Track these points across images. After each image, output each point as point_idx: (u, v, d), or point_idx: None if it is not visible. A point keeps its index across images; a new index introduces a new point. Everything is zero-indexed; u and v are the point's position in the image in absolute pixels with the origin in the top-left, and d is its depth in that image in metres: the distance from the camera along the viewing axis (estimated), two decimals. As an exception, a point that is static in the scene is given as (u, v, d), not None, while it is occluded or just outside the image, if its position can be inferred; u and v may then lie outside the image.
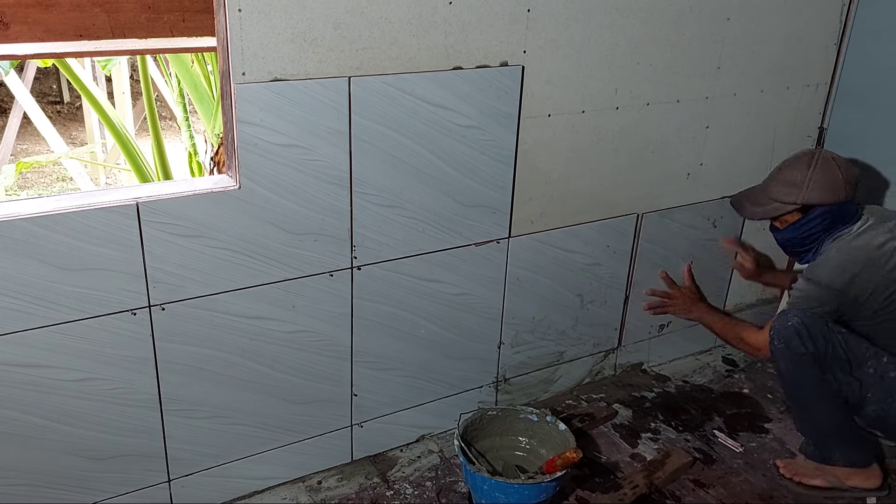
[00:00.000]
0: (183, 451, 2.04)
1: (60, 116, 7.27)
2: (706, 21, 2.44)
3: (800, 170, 2.26)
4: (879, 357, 2.15)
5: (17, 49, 1.81)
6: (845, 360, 2.14)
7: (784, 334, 2.16)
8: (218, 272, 1.90)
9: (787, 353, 2.17)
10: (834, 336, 2.14)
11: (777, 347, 2.19)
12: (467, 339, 2.39)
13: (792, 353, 2.16)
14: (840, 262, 2.18)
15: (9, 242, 1.65)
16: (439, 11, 1.96)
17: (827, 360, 2.14)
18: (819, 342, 2.13)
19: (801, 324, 2.14)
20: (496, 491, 2.06)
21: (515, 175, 2.26)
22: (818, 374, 2.16)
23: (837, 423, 2.21)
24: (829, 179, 2.21)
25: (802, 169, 2.25)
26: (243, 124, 1.80)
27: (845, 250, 2.19)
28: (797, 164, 2.28)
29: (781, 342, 2.17)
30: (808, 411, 2.26)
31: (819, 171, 2.23)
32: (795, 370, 2.19)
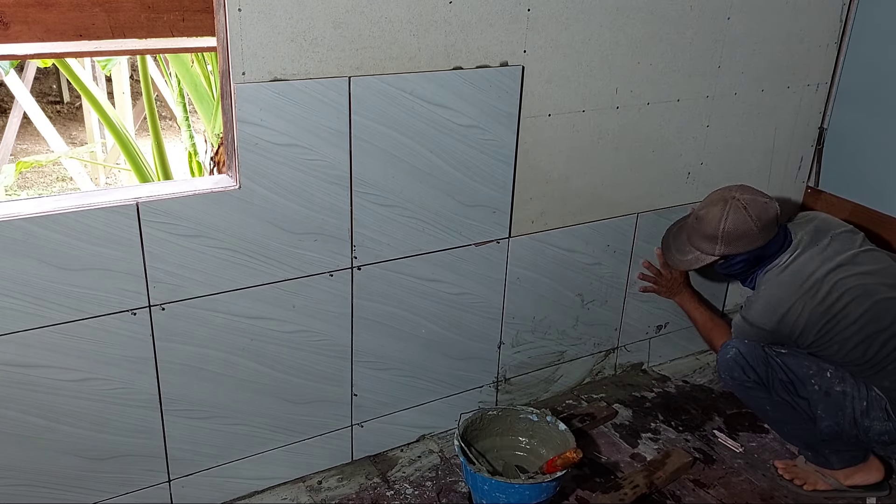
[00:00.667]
0: (183, 451, 2.04)
1: (60, 116, 7.27)
2: (707, 20, 2.44)
3: (712, 223, 2.20)
4: (823, 373, 2.13)
5: (17, 49, 1.81)
6: (788, 381, 2.15)
7: (726, 366, 2.22)
8: (218, 272, 1.90)
9: (734, 384, 2.23)
10: (772, 360, 2.17)
11: (724, 379, 2.27)
12: (467, 338, 2.39)
13: (738, 383, 2.21)
14: (768, 302, 2.17)
15: (9, 242, 1.65)
16: (439, 11, 1.96)
17: (771, 383, 2.17)
18: (759, 369, 2.16)
19: (739, 354, 2.18)
20: (496, 491, 2.06)
21: (515, 175, 2.26)
22: (769, 396, 2.19)
23: (813, 432, 2.18)
24: (741, 231, 2.16)
25: (714, 221, 2.19)
26: (243, 124, 1.80)
27: (774, 285, 2.17)
28: (710, 214, 2.21)
29: (726, 374, 2.23)
30: (783, 427, 2.29)
31: (730, 222, 2.16)
32: (748, 397, 2.26)
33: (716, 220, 2.19)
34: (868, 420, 2.09)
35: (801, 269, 2.15)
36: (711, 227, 2.20)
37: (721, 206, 2.19)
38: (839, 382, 2.12)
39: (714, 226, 2.19)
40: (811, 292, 2.11)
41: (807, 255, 2.17)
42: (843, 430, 2.13)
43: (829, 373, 2.13)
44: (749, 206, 2.16)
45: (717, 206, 2.20)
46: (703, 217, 2.24)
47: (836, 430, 2.13)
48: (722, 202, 2.20)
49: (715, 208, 2.20)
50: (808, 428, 2.19)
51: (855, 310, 2.07)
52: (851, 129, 2.84)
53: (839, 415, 2.11)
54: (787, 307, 2.13)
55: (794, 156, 2.90)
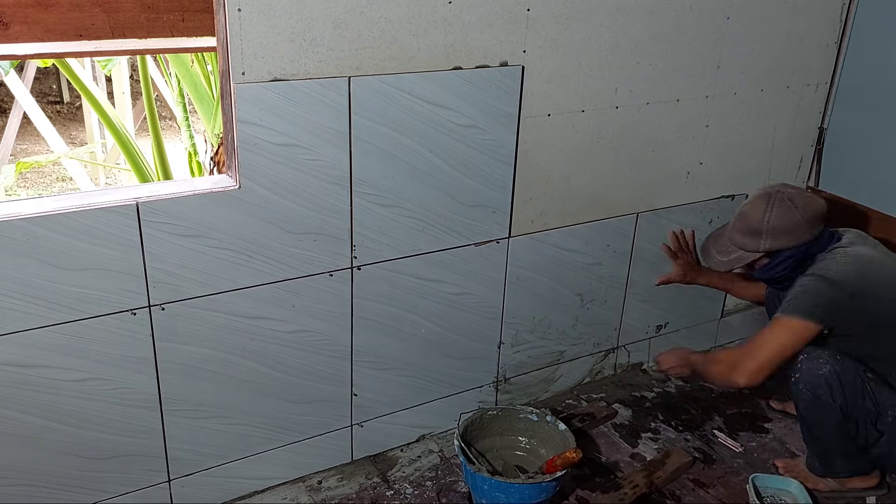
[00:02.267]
0: (183, 451, 2.04)
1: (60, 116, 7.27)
2: (706, 20, 2.44)
3: (756, 216, 2.11)
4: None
5: (17, 49, 1.81)
6: (873, 412, 2.02)
7: (813, 382, 2.02)
8: (218, 272, 1.90)
9: (814, 402, 2.05)
10: (865, 384, 2.00)
11: (803, 393, 2.06)
12: (467, 338, 2.39)
13: (819, 402, 2.04)
14: (847, 261, 2.03)
15: (9, 242, 1.65)
16: (439, 11, 1.96)
17: (853, 411, 2.02)
18: (849, 393, 2.00)
19: (833, 373, 2.00)
20: (496, 491, 2.06)
21: (515, 174, 2.26)
22: (840, 420, 2.05)
23: (846, 448, 2.15)
24: (787, 224, 2.07)
25: (758, 215, 2.11)
26: (243, 124, 1.80)
27: (850, 256, 2.05)
28: (754, 208, 2.13)
29: (808, 389, 2.04)
30: (821, 442, 2.18)
31: (775, 215, 2.08)
32: (818, 417, 2.08)
33: (760, 214, 2.10)
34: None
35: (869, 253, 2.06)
36: (755, 222, 2.11)
37: (765, 199, 2.11)
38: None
39: (758, 219, 2.10)
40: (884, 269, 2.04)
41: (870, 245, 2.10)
42: (893, 455, 2.08)
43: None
44: (795, 199, 2.09)
45: (761, 200, 2.12)
46: (745, 212, 2.15)
47: (885, 456, 2.10)
48: (766, 196, 2.12)
49: (759, 202, 2.12)
50: (845, 446, 2.11)
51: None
52: (851, 129, 2.84)
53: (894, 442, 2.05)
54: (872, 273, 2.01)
55: (794, 156, 2.91)
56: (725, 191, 2.77)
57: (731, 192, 2.79)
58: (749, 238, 2.14)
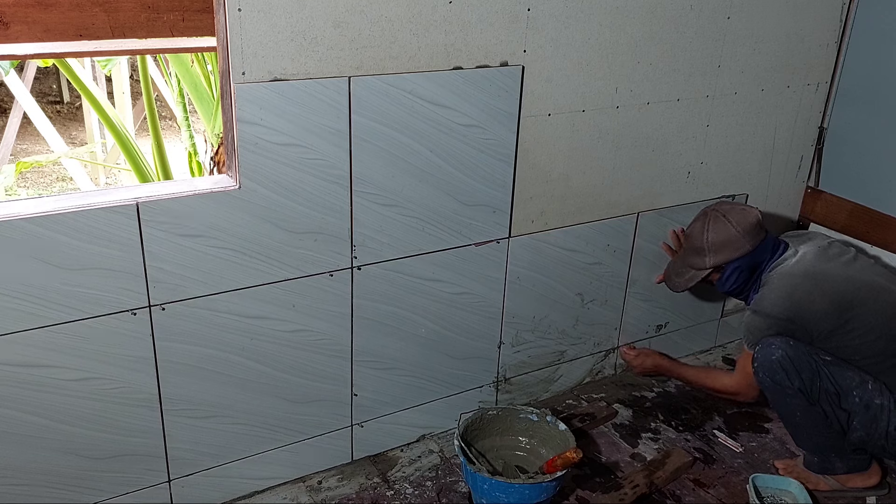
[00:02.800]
0: (183, 451, 2.04)
1: (60, 116, 7.27)
2: (706, 19, 2.44)
3: (697, 236, 2.34)
4: (864, 385, 2.09)
5: (17, 49, 1.81)
6: (833, 392, 2.09)
7: (769, 368, 2.12)
8: (218, 272, 1.90)
9: (774, 387, 2.14)
10: (821, 368, 2.09)
11: (762, 380, 2.16)
12: (467, 338, 2.39)
13: (778, 387, 2.13)
14: (781, 290, 2.17)
15: (9, 242, 1.65)
16: (439, 10, 1.96)
17: (815, 392, 2.09)
18: (805, 375, 2.08)
19: (786, 357, 2.09)
20: (496, 491, 2.05)
21: (515, 174, 2.26)
22: (806, 404, 2.12)
23: (835, 440, 2.17)
24: (724, 238, 2.28)
25: (699, 234, 2.33)
26: (243, 124, 1.80)
27: (785, 276, 2.18)
28: (695, 229, 2.36)
29: (766, 375, 2.14)
30: (804, 433, 2.22)
31: (712, 232, 2.30)
32: (783, 402, 2.16)
33: (699, 233, 2.34)
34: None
35: (811, 265, 2.18)
36: (698, 241, 2.34)
37: (702, 219, 2.36)
38: (878, 395, 2.09)
39: (699, 238, 2.34)
40: (825, 281, 2.13)
41: (812, 256, 2.20)
42: (872, 441, 2.12)
43: (870, 384, 2.09)
44: (728, 214, 2.30)
45: (699, 220, 2.37)
46: (689, 234, 2.41)
47: (866, 440, 2.12)
48: (702, 216, 2.37)
49: (697, 223, 2.37)
50: (829, 436, 2.16)
51: (873, 299, 2.11)
52: (851, 129, 2.84)
53: (874, 427, 2.09)
54: (802, 293, 2.13)
55: (794, 155, 2.90)
56: (726, 190, 2.77)
57: (731, 192, 2.79)
58: (696, 257, 2.37)
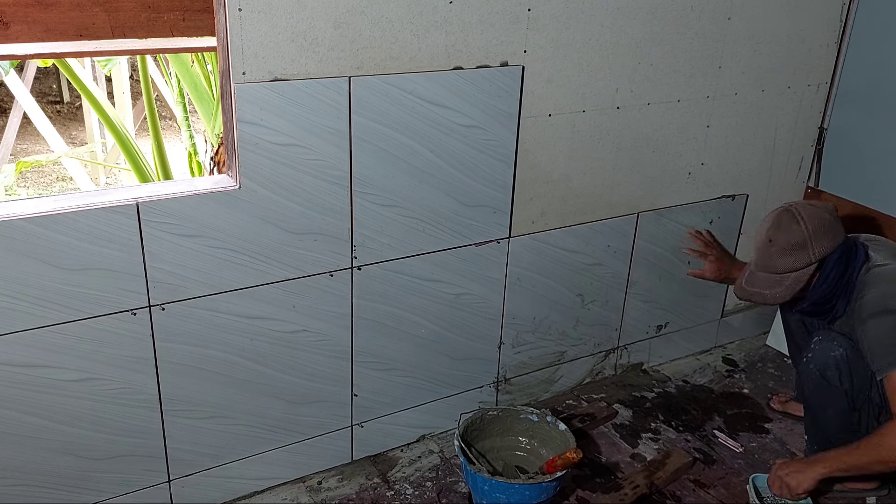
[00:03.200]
0: (183, 451, 2.04)
1: (60, 116, 7.27)
2: (707, 20, 2.44)
3: (793, 231, 2.02)
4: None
5: (17, 49, 1.80)
6: (878, 404, 2.01)
7: (823, 362, 2.02)
8: (218, 272, 1.90)
9: (820, 382, 2.05)
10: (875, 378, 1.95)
11: (811, 371, 2.06)
12: (468, 338, 2.39)
13: (825, 383, 2.04)
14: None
15: (9, 242, 1.65)
16: (440, 11, 1.96)
17: (859, 400, 2.02)
18: (857, 381, 2.00)
19: (844, 357, 1.99)
20: (496, 491, 2.05)
21: (516, 174, 2.26)
22: (845, 407, 2.05)
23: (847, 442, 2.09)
24: (822, 223, 2.01)
25: (795, 228, 2.02)
26: (243, 124, 1.80)
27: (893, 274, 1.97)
28: (783, 227, 2.04)
29: (817, 367, 2.04)
30: (823, 431, 2.18)
31: (809, 220, 2.01)
32: (821, 397, 2.08)
33: (794, 225, 2.02)
34: None
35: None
36: (796, 235, 2.01)
37: (787, 215, 2.04)
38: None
39: (797, 231, 2.01)
40: None
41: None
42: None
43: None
44: (807, 206, 2.04)
45: (783, 217, 2.04)
46: (775, 235, 2.04)
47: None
48: (784, 213, 2.05)
49: (783, 219, 2.04)
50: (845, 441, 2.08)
51: None
52: (851, 129, 2.84)
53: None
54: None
55: (795, 156, 2.90)
56: (726, 190, 2.77)
57: (731, 192, 2.79)
58: (797, 254, 2.02)
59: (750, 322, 3.06)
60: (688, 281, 2.81)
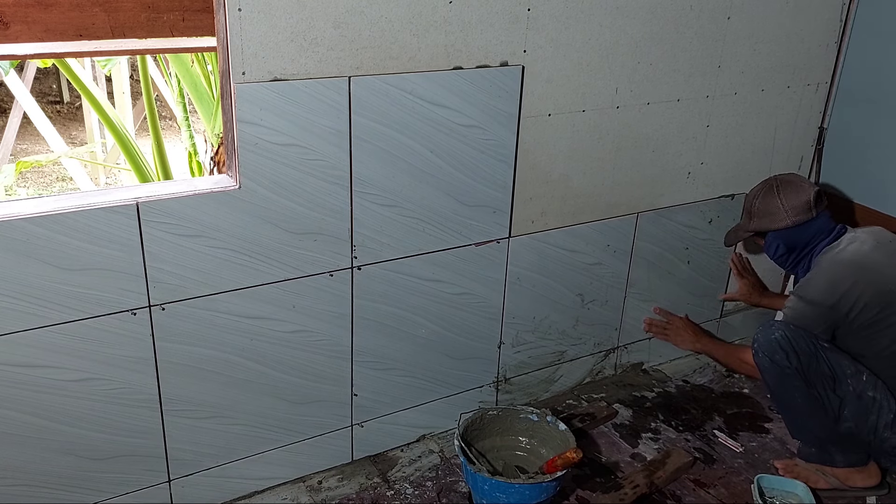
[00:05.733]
0: (183, 451, 2.04)
1: (60, 116, 7.27)
2: (707, 20, 2.44)
3: (749, 198, 2.42)
4: (859, 375, 2.12)
5: (17, 49, 1.80)
6: (829, 375, 2.11)
7: (769, 347, 2.14)
8: (218, 272, 1.90)
9: (772, 367, 2.15)
10: (818, 350, 2.11)
11: (761, 360, 2.17)
12: (468, 338, 2.39)
13: (776, 367, 2.13)
14: (828, 277, 2.16)
15: (9, 242, 1.65)
16: (439, 11, 1.96)
17: (810, 374, 2.11)
18: (804, 357, 2.10)
19: (785, 337, 2.11)
20: (496, 491, 2.05)
21: (516, 174, 2.26)
22: (804, 387, 2.13)
23: (831, 430, 2.18)
24: (768, 208, 2.32)
25: (751, 197, 2.41)
26: (243, 124, 1.80)
27: (834, 262, 2.17)
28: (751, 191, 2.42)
29: (766, 355, 2.15)
30: (802, 420, 2.23)
31: (760, 199, 2.35)
32: (780, 384, 2.17)
33: (752, 197, 2.40)
34: (889, 433, 2.10)
35: (865, 255, 2.16)
36: (748, 202, 2.42)
37: (762, 184, 2.39)
38: (872, 388, 2.11)
39: (750, 201, 2.41)
40: (874, 273, 2.13)
41: (869, 247, 2.18)
42: (861, 435, 2.13)
43: (865, 376, 2.11)
44: (781, 186, 2.32)
45: (759, 185, 2.41)
46: (747, 193, 2.46)
47: (854, 433, 2.14)
48: (763, 182, 2.40)
49: (757, 187, 2.41)
50: (826, 425, 2.17)
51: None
52: (851, 129, 2.84)
53: (863, 420, 2.11)
54: (848, 283, 2.12)
55: (794, 156, 2.90)
56: (726, 190, 2.77)
57: (731, 192, 2.79)
58: (745, 217, 2.45)
59: (750, 322, 3.06)
60: (687, 281, 2.81)
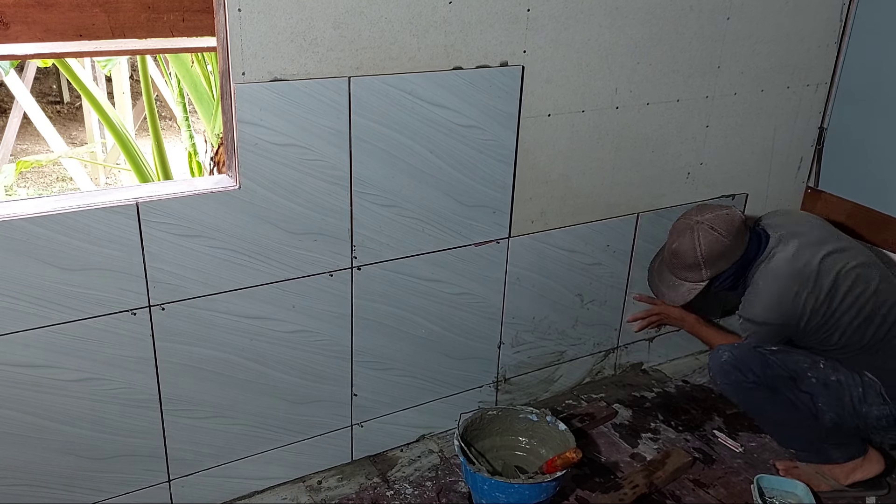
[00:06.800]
0: (183, 451, 2.04)
1: (60, 116, 7.27)
2: (706, 20, 2.44)
3: (689, 253, 2.26)
4: (816, 365, 2.16)
5: (17, 49, 1.81)
6: (787, 377, 2.16)
7: (721, 371, 2.20)
8: (218, 272, 1.90)
9: (733, 387, 2.20)
10: (767, 358, 2.16)
11: (721, 385, 2.24)
12: (467, 338, 2.39)
13: (736, 386, 2.19)
14: (769, 295, 2.18)
15: (9, 242, 1.65)
16: (439, 11, 1.96)
17: (771, 381, 2.16)
18: (757, 368, 2.15)
19: (732, 356, 2.18)
20: (496, 491, 2.06)
21: (515, 175, 2.26)
22: (770, 396, 2.17)
23: (816, 428, 2.19)
24: (718, 250, 2.22)
25: (690, 251, 2.25)
26: (243, 124, 1.80)
27: (771, 278, 2.18)
28: (683, 245, 2.27)
29: (722, 378, 2.21)
30: (784, 428, 2.27)
31: (705, 246, 2.23)
32: (748, 399, 2.23)
33: (691, 250, 2.26)
34: (866, 406, 2.13)
35: (794, 260, 2.17)
36: (690, 257, 2.27)
37: (689, 234, 2.27)
38: (833, 372, 2.16)
39: (692, 255, 2.26)
40: (810, 279, 2.15)
41: (793, 246, 2.19)
42: (845, 420, 2.15)
43: (822, 363, 2.17)
44: (715, 224, 2.23)
45: (686, 235, 2.27)
46: (677, 251, 2.30)
47: (838, 421, 2.15)
48: (689, 230, 2.27)
49: (685, 238, 2.27)
50: (810, 425, 2.19)
51: (854, 293, 2.14)
52: (851, 129, 2.84)
53: (839, 404, 2.14)
54: (790, 296, 2.15)
55: (794, 156, 2.91)
56: (725, 190, 2.77)
57: (731, 192, 2.79)
58: (690, 272, 2.30)
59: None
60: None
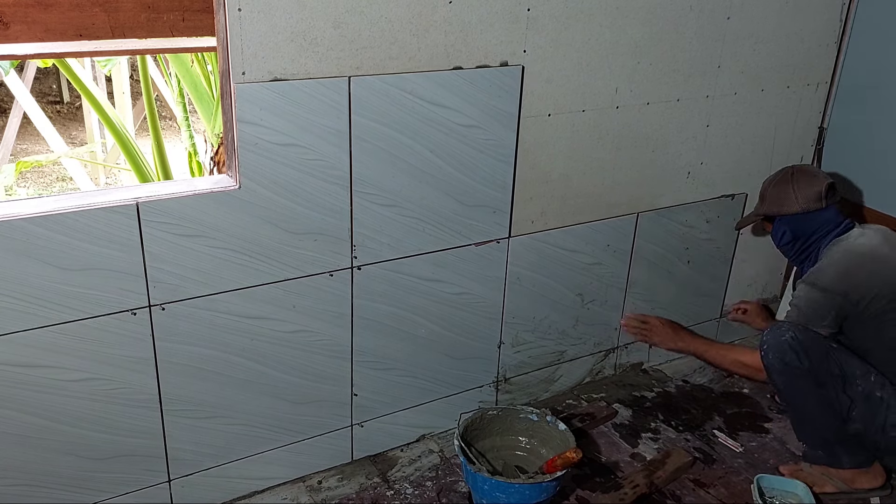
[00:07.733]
0: (183, 451, 2.04)
1: (60, 116, 7.27)
2: (706, 20, 2.44)
3: (765, 183, 2.45)
4: (868, 376, 2.12)
5: (17, 49, 1.80)
6: (839, 375, 2.11)
7: (779, 348, 2.12)
8: (218, 272, 1.90)
9: (783, 368, 2.13)
10: (830, 352, 2.11)
11: (771, 361, 2.15)
12: (468, 338, 2.39)
13: (787, 368, 2.12)
14: (840, 265, 2.17)
15: (9, 242, 1.65)
16: (439, 11, 1.96)
17: (821, 375, 2.11)
18: (815, 357, 2.09)
19: (795, 338, 2.10)
20: (496, 491, 2.06)
21: (516, 174, 2.26)
22: (815, 387, 2.12)
23: (839, 431, 2.17)
24: (780, 195, 2.36)
25: (767, 184, 2.44)
26: (243, 124, 1.80)
27: (846, 252, 2.19)
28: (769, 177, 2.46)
29: (776, 357, 2.13)
30: (810, 422, 2.23)
31: (775, 185, 2.39)
32: (792, 385, 2.15)
33: (767, 182, 2.44)
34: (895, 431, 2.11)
35: (876, 248, 2.19)
36: (763, 188, 2.45)
37: (779, 172, 2.44)
38: (880, 388, 2.11)
39: (765, 186, 2.44)
40: (885, 266, 2.16)
41: (878, 241, 2.22)
42: (868, 434, 2.13)
43: (874, 377, 2.12)
44: (796, 175, 2.36)
45: (777, 172, 2.45)
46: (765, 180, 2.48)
47: (861, 435, 2.14)
48: (781, 169, 2.44)
49: (774, 173, 2.45)
50: (833, 426, 2.17)
51: None
52: (851, 129, 2.84)
53: (870, 420, 2.11)
54: (864, 272, 2.15)
55: (794, 156, 2.90)
56: (726, 190, 2.77)
57: (731, 192, 2.79)
58: (759, 200, 2.48)
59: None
60: (687, 281, 2.81)
